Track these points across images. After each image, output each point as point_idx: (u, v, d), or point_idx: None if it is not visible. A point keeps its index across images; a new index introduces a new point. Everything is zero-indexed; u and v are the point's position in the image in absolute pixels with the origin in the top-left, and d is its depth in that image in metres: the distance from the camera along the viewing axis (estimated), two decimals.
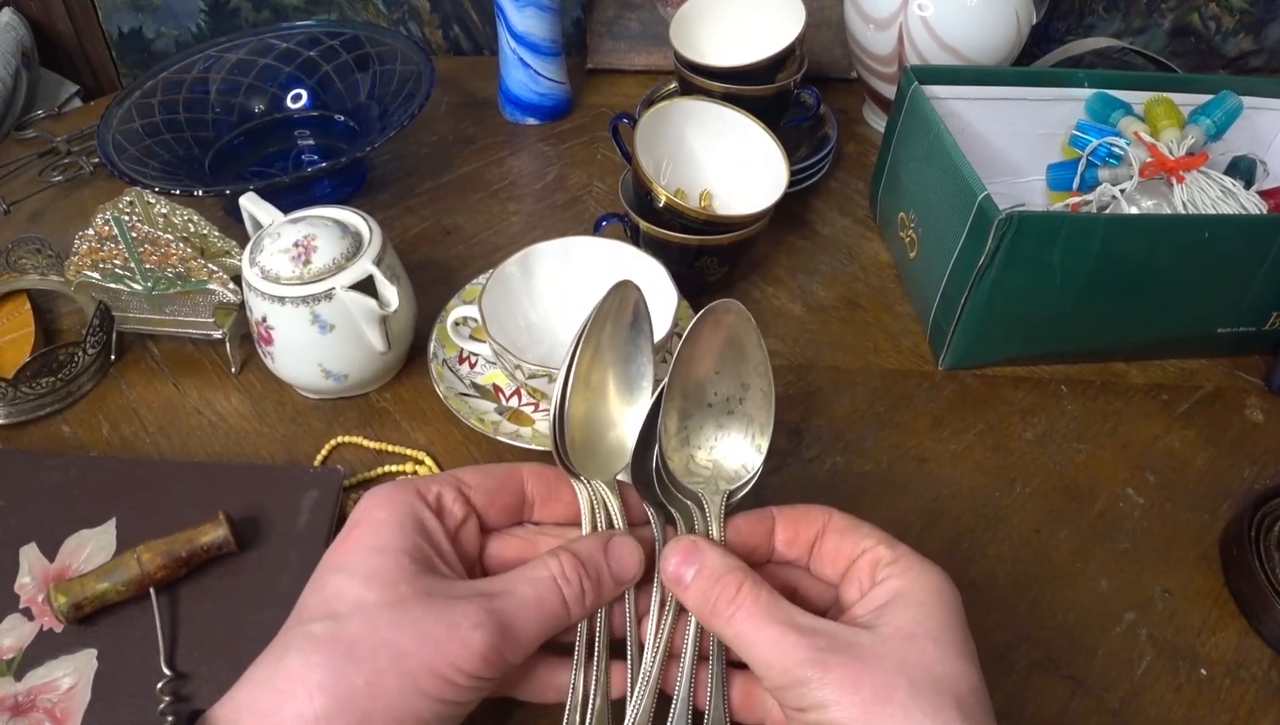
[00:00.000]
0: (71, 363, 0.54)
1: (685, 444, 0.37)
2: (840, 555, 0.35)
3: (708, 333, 0.36)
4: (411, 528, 0.32)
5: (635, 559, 0.35)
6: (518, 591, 0.32)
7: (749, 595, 0.32)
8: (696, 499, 0.36)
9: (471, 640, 0.29)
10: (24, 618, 0.43)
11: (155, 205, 0.56)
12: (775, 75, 0.65)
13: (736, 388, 0.38)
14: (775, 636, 0.30)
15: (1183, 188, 0.56)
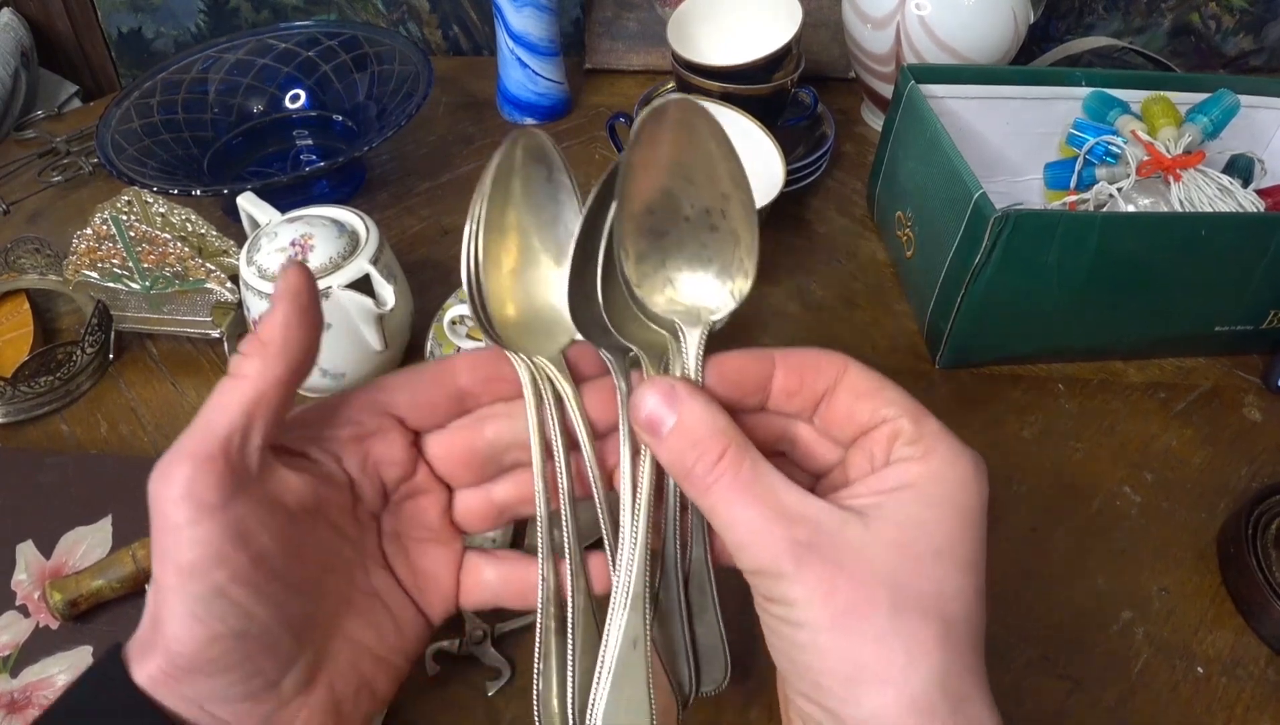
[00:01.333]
0: (70, 362, 0.54)
1: (661, 267, 0.31)
2: (853, 420, 0.29)
3: (664, 135, 0.30)
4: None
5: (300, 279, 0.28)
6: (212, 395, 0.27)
7: (730, 465, 0.27)
8: (672, 331, 0.31)
9: (175, 479, 0.26)
10: (20, 615, 0.43)
11: (153, 205, 0.56)
12: (772, 74, 0.65)
13: (717, 198, 0.31)
14: (753, 519, 0.27)
15: (1180, 186, 0.56)
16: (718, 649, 0.33)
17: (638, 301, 0.30)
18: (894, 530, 0.26)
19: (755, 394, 0.30)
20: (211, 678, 0.27)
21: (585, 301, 0.31)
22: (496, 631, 0.43)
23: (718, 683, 0.33)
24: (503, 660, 0.42)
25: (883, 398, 0.29)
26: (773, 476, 0.27)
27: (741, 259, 0.32)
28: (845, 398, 0.30)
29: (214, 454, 0.26)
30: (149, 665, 0.27)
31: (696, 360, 0.30)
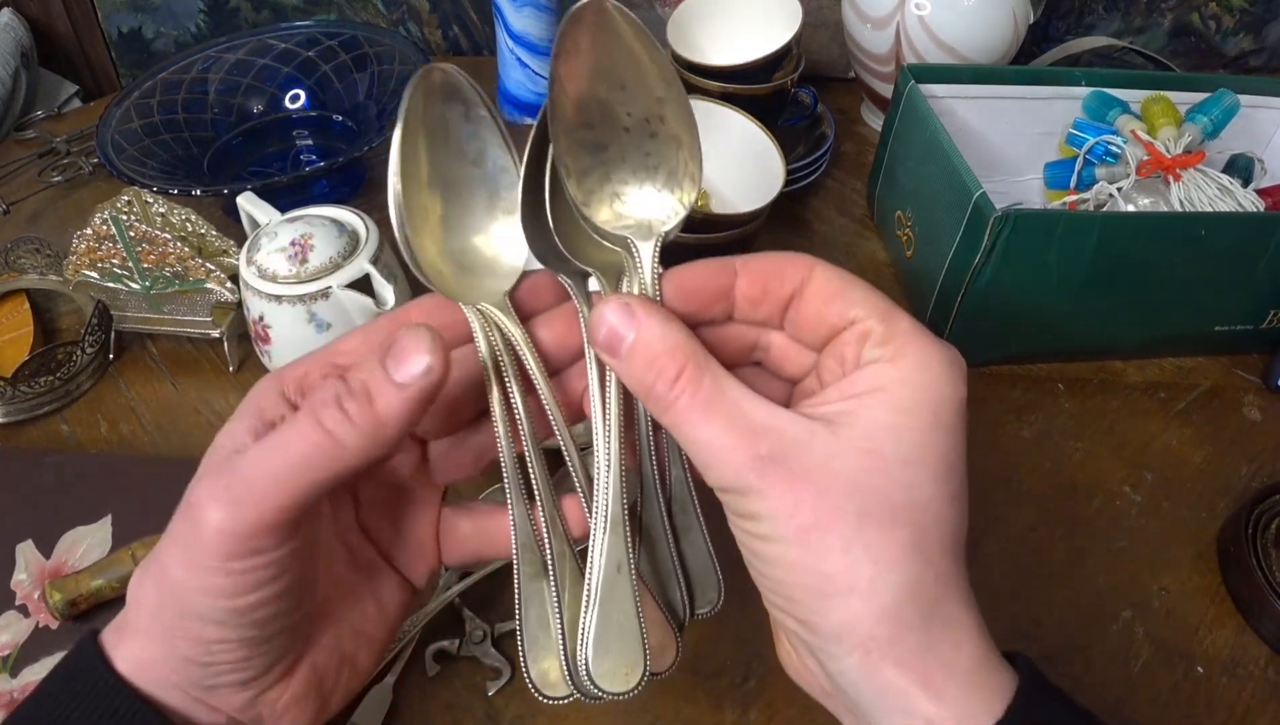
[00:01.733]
0: (70, 362, 0.54)
1: (606, 181, 0.30)
2: (822, 323, 0.28)
3: (585, 40, 0.29)
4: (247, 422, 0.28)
5: (417, 346, 0.26)
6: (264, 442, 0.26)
7: (689, 382, 0.26)
8: (625, 247, 0.30)
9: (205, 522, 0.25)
10: (20, 614, 0.43)
11: (153, 205, 0.56)
12: (772, 74, 0.65)
13: (652, 103, 0.30)
14: (716, 435, 0.26)
15: (1179, 186, 0.56)
16: (709, 569, 0.33)
17: (586, 220, 0.29)
18: (862, 438, 0.25)
19: (717, 304, 0.29)
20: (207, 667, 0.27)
21: (538, 231, 0.30)
22: (496, 631, 0.43)
23: (712, 603, 0.33)
24: (503, 660, 0.42)
25: (850, 298, 0.28)
26: (735, 390, 0.26)
27: (686, 162, 0.30)
28: (813, 301, 0.28)
29: (281, 522, 0.25)
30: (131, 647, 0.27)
31: (653, 274, 0.29)
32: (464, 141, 0.31)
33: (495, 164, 0.31)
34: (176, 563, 0.26)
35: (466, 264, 0.31)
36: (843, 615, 0.25)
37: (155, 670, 0.27)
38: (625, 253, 0.30)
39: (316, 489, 0.26)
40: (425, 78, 0.29)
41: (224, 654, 0.27)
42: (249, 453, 0.26)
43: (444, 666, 0.42)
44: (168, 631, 0.27)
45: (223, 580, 0.25)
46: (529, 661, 0.30)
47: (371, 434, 0.26)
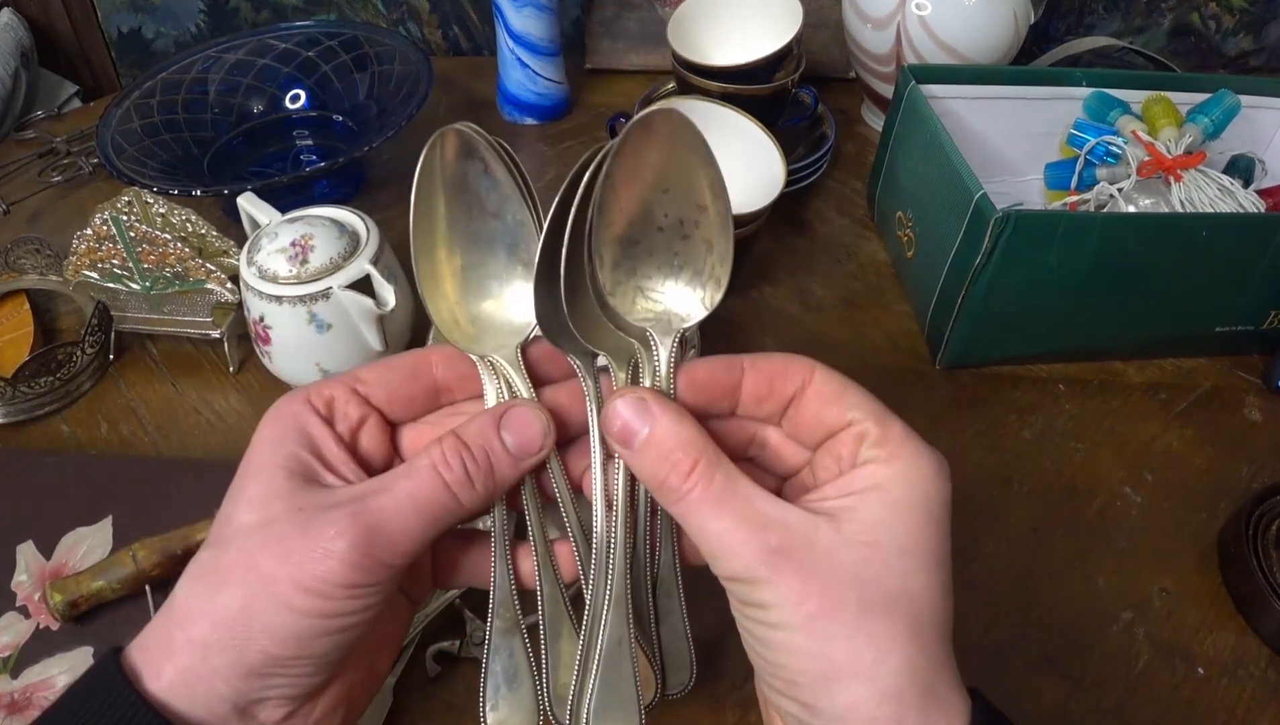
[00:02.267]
0: (70, 362, 0.54)
1: (632, 275, 0.31)
2: (820, 424, 0.30)
3: (645, 147, 0.30)
4: (293, 439, 0.30)
5: (537, 428, 0.30)
6: (393, 488, 0.29)
7: (702, 476, 0.28)
8: (643, 339, 0.31)
9: (333, 550, 0.27)
10: (20, 615, 0.43)
11: (153, 205, 0.56)
12: (773, 75, 0.65)
13: (691, 209, 0.31)
14: (727, 529, 0.27)
15: (1180, 186, 0.56)
16: (684, 651, 0.34)
17: (609, 310, 0.30)
18: (862, 531, 0.27)
19: (725, 400, 0.31)
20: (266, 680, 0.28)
21: (551, 307, 0.30)
22: None
23: (684, 684, 0.34)
24: None
25: (848, 401, 0.30)
26: (745, 485, 0.28)
27: (714, 266, 0.32)
28: (813, 402, 0.30)
29: (402, 565, 0.28)
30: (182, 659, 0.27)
31: (668, 368, 0.30)
32: (483, 195, 0.32)
33: (514, 217, 0.32)
34: (284, 580, 0.27)
35: (481, 315, 0.32)
36: (847, 698, 0.26)
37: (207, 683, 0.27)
38: (641, 344, 0.31)
39: (433, 537, 0.29)
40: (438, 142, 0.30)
41: (291, 669, 0.28)
42: (383, 498, 0.28)
43: (444, 667, 0.42)
44: (242, 643, 0.27)
45: (329, 604, 0.27)
46: (487, 708, 0.32)
47: (485, 498, 0.30)
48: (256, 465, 0.30)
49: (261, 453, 0.30)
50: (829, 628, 0.26)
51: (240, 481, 0.30)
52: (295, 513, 0.28)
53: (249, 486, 0.29)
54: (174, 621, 0.28)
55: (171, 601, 0.29)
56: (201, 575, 0.29)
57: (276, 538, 0.28)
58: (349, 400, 0.31)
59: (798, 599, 0.26)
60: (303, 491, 0.29)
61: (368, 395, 0.31)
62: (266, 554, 0.28)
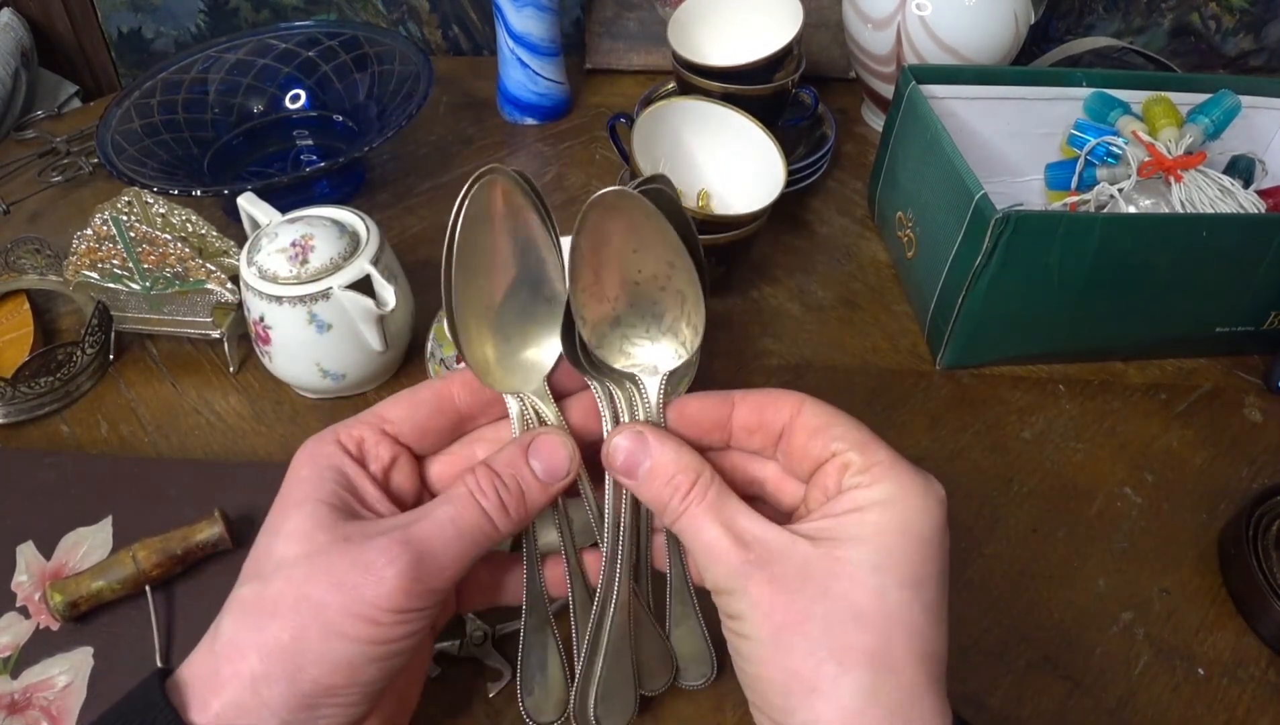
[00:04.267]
0: (70, 362, 0.54)
1: (616, 326, 0.33)
2: (808, 457, 0.31)
3: (606, 220, 0.32)
4: (331, 478, 0.31)
5: (563, 455, 0.32)
6: (434, 515, 0.30)
7: (698, 493, 0.30)
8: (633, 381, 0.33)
9: (386, 576, 0.28)
10: (20, 616, 0.43)
11: (153, 205, 0.56)
12: (773, 75, 0.65)
13: (662, 265, 0.33)
14: (713, 541, 0.29)
15: (1181, 187, 0.56)
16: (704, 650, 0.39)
17: (595, 362, 0.33)
18: (836, 548, 0.28)
19: (716, 432, 0.33)
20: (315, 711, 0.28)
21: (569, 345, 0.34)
22: (497, 633, 0.43)
23: (706, 676, 0.39)
24: (503, 661, 0.42)
25: (833, 433, 0.31)
26: (734, 503, 0.30)
27: (690, 315, 0.33)
28: (800, 434, 0.32)
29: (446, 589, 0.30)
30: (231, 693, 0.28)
31: (658, 406, 0.33)
32: (516, 236, 0.33)
33: (538, 256, 0.34)
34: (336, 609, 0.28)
35: (510, 353, 0.34)
36: (807, 715, 0.27)
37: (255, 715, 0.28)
38: (632, 385, 0.33)
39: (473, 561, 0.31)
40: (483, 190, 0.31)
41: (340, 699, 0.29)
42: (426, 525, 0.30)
43: (445, 668, 0.42)
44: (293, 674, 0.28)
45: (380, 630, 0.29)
46: (523, 694, 0.37)
47: (519, 523, 0.32)
48: (294, 501, 0.31)
49: (300, 489, 0.31)
50: (792, 639, 0.27)
51: (278, 517, 0.31)
52: (341, 543, 0.29)
53: (288, 521, 0.30)
54: (220, 656, 0.29)
55: (215, 635, 0.29)
56: (246, 609, 0.29)
57: (325, 568, 0.29)
58: (379, 441, 0.33)
59: (766, 610, 0.28)
60: (345, 524, 0.30)
61: (396, 434, 0.33)
62: (316, 584, 0.28)
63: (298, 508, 0.30)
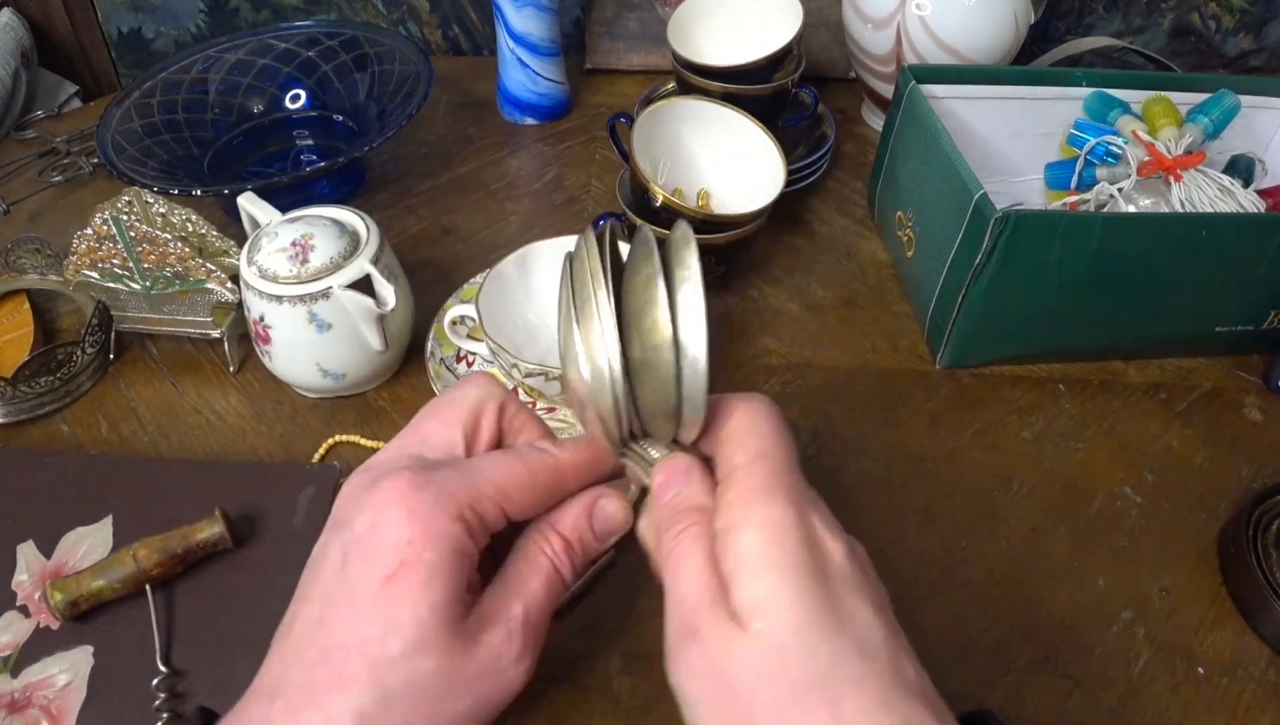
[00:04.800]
0: (70, 362, 0.54)
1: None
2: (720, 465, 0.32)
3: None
4: (459, 567, 0.29)
5: (622, 517, 0.34)
6: (529, 590, 0.31)
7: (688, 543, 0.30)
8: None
9: (518, 675, 0.31)
10: (20, 615, 0.43)
11: (154, 205, 0.56)
12: (773, 75, 0.65)
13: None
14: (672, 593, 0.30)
15: (1180, 186, 0.56)
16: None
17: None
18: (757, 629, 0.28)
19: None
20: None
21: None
22: None
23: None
24: None
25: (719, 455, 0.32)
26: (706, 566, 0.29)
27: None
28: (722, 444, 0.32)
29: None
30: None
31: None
32: (636, 290, 0.31)
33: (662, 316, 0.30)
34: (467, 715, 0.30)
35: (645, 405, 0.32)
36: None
37: None
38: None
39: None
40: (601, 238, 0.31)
41: None
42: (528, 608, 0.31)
43: None
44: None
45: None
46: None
47: (578, 575, 0.34)
48: (425, 601, 0.28)
49: (430, 585, 0.29)
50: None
51: (398, 609, 0.28)
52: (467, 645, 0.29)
53: (417, 622, 0.28)
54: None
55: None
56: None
57: (464, 684, 0.29)
58: (498, 518, 0.31)
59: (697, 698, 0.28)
60: (464, 620, 0.30)
61: (509, 512, 0.32)
62: (457, 702, 0.29)
63: (431, 609, 0.28)
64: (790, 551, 0.28)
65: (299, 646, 0.29)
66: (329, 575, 0.30)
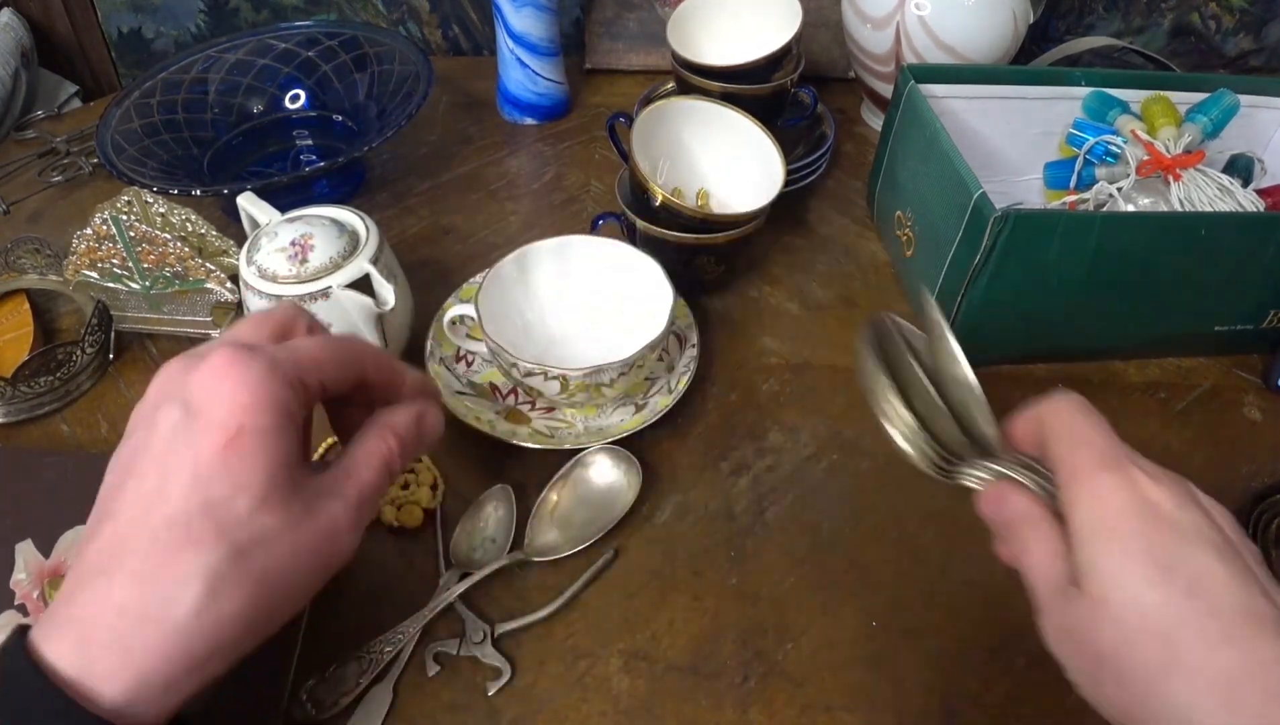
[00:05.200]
0: (70, 362, 0.54)
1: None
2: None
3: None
4: (292, 431, 0.31)
5: (441, 428, 0.38)
6: (362, 477, 0.34)
7: (1024, 541, 0.34)
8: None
9: (350, 543, 0.33)
10: (19, 614, 0.43)
11: (153, 205, 0.56)
12: (772, 74, 0.65)
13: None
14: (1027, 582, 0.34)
15: (1180, 186, 0.56)
16: None
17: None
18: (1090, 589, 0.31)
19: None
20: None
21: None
22: (496, 631, 0.43)
23: None
24: (503, 660, 0.42)
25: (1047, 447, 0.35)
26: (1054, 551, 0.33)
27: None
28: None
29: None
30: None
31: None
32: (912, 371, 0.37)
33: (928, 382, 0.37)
34: (308, 574, 0.32)
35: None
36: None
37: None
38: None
39: None
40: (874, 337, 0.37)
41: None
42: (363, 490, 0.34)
43: (444, 667, 0.42)
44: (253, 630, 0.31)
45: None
46: None
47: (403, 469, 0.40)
48: (265, 461, 0.30)
49: (267, 446, 0.30)
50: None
51: (241, 471, 0.30)
52: (310, 514, 0.32)
53: (256, 476, 0.30)
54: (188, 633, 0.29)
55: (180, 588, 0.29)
56: (229, 579, 0.29)
57: (306, 544, 0.31)
58: (318, 390, 0.33)
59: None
60: (303, 483, 0.32)
61: (325, 384, 0.34)
62: (299, 560, 0.31)
63: (265, 463, 0.30)
64: (1113, 515, 0.30)
65: (136, 519, 0.30)
66: (161, 447, 0.30)
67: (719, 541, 0.47)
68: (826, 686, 0.42)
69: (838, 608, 0.45)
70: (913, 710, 0.41)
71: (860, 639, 0.43)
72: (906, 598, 0.45)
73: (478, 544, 0.46)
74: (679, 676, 0.42)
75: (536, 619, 0.43)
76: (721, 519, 0.48)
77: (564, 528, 0.47)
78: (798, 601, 0.45)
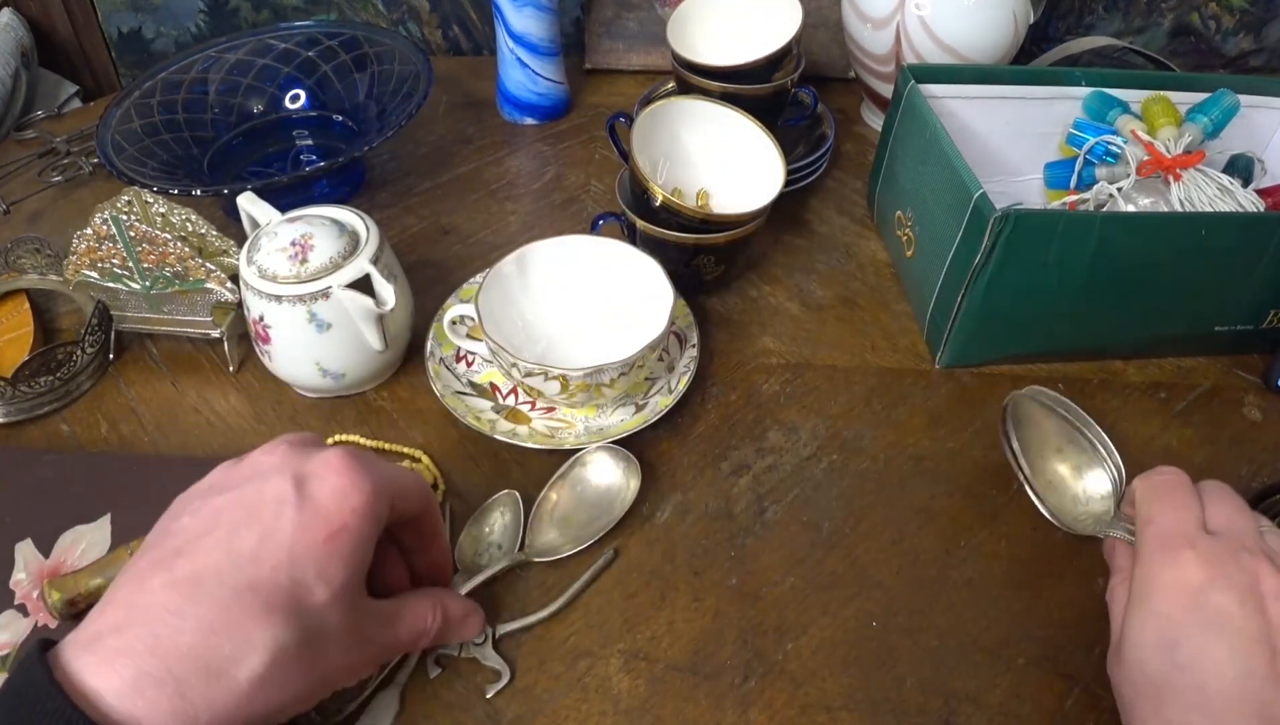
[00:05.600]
0: (70, 362, 0.54)
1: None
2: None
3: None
4: (374, 543, 0.34)
5: (472, 634, 0.41)
6: (401, 630, 0.36)
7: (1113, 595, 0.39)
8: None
9: (362, 675, 0.36)
10: (19, 614, 0.43)
11: (153, 205, 0.56)
12: (772, 74, 0.65)
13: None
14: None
15: (1180, 186, 0.56)
16: None
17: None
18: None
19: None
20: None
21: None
22: (497, 633, 0.43)
23: None
24: (502, 662, 0.42)
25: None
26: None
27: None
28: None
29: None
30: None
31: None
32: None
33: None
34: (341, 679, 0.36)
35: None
36: None
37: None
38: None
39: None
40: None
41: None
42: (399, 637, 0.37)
43: (445, 668, 0.42)
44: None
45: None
46: None
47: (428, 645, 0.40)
48: (350, 562, 0.33)
49: (356, 551, 0.33)
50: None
51: (328, 564, 0.32)
52: (360, 629, 0.34)
53: (340, 579, 0.32)
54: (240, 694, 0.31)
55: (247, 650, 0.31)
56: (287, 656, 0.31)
57: (345, 649, 0.33)
58: (392, 516, 0.36)
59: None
60: (361, 598, 0.34)
61: (398, 514, 0.37)
62: (335, 659, 0.33)
63: (351, 565, 0.33)
64: (1152, 592, 0.35)
65: (221, 572, 0.31)
66: (266, 514, 0.32)
67: (719, 541, 0.47)
68: (826, 686, 0.42)
69: (838, 608, 0.45)
70: (913, 710, 0.41)
71: (860, 639, 0.43)
72: (906, 598, 0.45)
73: (483, 549, 0.46)
74: (679, 676, 0.42)
75: (537, 619, 0.43)
76: (721, 519, 0.48)
77: (564, 528, 0.47)
78: (798, 601, 0.45)
